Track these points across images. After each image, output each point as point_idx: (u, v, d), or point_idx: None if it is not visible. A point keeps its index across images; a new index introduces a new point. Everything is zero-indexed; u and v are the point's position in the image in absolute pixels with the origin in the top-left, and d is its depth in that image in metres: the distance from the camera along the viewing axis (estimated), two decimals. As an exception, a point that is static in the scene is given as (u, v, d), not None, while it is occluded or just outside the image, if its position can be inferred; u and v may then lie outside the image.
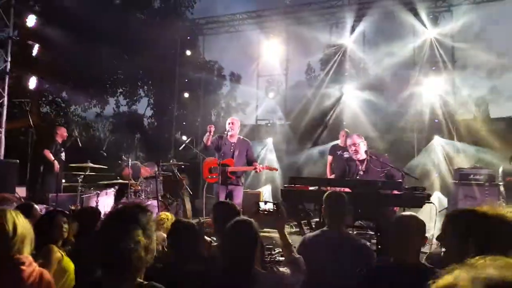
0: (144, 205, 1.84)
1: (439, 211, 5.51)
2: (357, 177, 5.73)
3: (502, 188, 7.79)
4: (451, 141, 9.52)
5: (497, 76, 10.75)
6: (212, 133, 6.40)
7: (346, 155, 7.74)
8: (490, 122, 10.10)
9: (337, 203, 3.21)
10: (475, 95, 11.25)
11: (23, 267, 2.03)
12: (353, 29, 10.50)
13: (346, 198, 3.28)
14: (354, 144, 5.67)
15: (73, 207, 6.29)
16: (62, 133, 8.01)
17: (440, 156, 9.36)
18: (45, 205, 6.78)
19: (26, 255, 2.10)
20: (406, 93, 10.21)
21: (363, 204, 4.71)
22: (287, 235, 2.70)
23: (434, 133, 9.70)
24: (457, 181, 8.18)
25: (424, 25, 9.86)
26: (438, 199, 8.71)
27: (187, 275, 2.39)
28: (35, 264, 2.13)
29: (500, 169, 8.17)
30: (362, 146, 5.68)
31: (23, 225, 2.10)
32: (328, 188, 5.39)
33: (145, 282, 1.70)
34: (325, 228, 3.22)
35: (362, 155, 5.66)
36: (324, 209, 3.32)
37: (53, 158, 7.46)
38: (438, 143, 9.51)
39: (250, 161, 6.64)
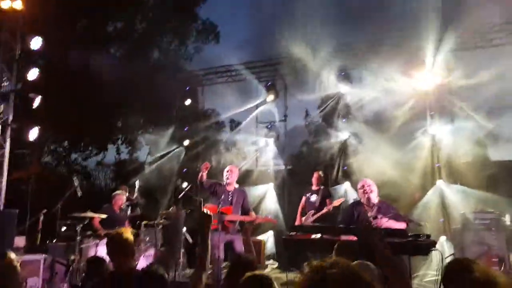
0: None
1: (446, 258, 5.26)
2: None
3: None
4: (454, 185, 9.34)
5: (495, 118, 10.68)
6: (206, 171, 6.46)
7: (313, 198, 7.73)
8: (491, 165, 9.96)
9: None
10: (473, 137, 11.15)
11: None
12: (349, 76, 10.67)
13: None
14: (367, 186, 5.52)
15: (73, 257, 6.38)
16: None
17: (444, 200, 9.17)
18: (44, 255, 6.72)
19: None
20: (407, 138, 10.18)
21: (368, 253, 4.56)
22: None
23: (436, 177, 9.55)
24: (462, 226, 7.98)
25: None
26: (444, 245, 8.45)
27: None
28: None
29: (507, 215, 7.93)
30: (375, 189, 5.56)
31: None
32: (333, 237, 5.23)
33: None
34: None
35: (374, 199, 5.52)
36: None
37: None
38: (441, 187, 9.35)
39: (245, 211, 6.62)
